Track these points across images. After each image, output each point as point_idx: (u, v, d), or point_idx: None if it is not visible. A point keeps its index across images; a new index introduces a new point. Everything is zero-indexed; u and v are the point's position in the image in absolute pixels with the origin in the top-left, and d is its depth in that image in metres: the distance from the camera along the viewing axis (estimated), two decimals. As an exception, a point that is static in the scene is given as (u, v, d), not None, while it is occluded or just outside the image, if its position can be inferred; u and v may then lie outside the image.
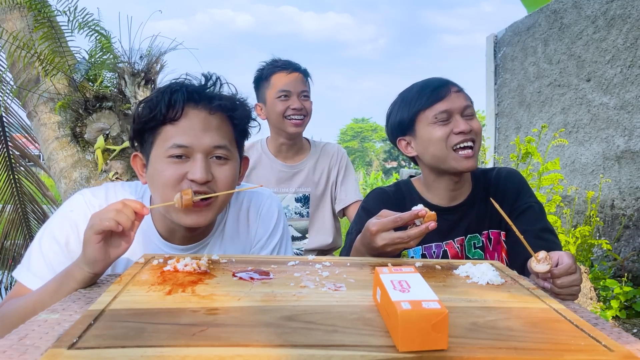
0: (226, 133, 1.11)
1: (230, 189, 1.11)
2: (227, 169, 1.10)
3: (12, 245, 3.49)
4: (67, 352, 0.55)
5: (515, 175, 1.48)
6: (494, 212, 1.42)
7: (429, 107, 1.36)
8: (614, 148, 3.67)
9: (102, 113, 2.83)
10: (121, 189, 1.22)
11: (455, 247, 1.44)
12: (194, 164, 1.05)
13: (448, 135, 1.35)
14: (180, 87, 1.07)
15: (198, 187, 1.05)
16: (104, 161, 2.82)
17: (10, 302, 1.04)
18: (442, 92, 1.36)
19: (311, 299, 0.78)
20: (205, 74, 1.13)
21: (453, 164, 1.35)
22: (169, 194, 1.05)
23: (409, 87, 1.47)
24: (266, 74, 2.05)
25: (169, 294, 0.77)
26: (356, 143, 46.97)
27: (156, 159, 1.07)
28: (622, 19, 3.59)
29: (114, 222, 0.89)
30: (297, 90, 2.03)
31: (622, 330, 0.76)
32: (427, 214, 1.08)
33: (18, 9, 2.84)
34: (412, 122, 1.40)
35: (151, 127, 1.08)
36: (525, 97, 4.69)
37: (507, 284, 0.92)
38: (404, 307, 0.60)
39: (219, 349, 0.58)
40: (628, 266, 3.46)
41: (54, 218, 1.15)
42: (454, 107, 1.35)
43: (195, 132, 1.05)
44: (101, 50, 2.88)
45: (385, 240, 1.09)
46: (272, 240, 1.30)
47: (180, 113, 1.05)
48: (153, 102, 1.06)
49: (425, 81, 1.44)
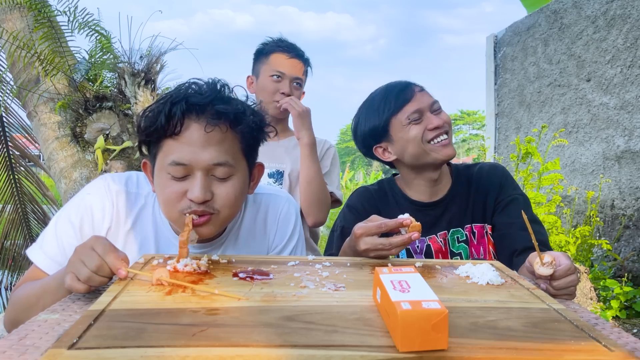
0: (230, 147, 1.04)
1: (232, 206, 1.06)
2: (228, 186, 1.04)
3: (12, 245, 3.50)
4: (67, 352, 0.55)
5: (497, 169, 1.50)
6: (477, 206, 1.47)
7: (400, 110, 1.40)
8: (614, 148, 3.67)
9: (102, 113, 2.83)
10: (143, 180, 1.20)
11: (439, 242, 1.45)
12: (193, 182, 1.01)
13: (423, 132, 1.39)
14: (180, 99, 1.01)
15: (197, 206, 1.01)
16: (104, 161, 2.82)
17: (24, 287, 1.07)
18: (408, 94, 1.41)
19: (311, 299, 0.78)
20: (209, 83, 1.07)
21: (434, 155, 1.40)
22: (170, 210, 1.04)
23: (369, 97, 1.51)
24: (267, 50, 2.02)
25: (169, 294, 0.77)
26: (356, 143, 46.90)
27: (158, 172, 1.05)
28: (622, 19, 3.59)
29: (86, 287, 0.84)
30: (292, 75, 1.99)
31: (622, 330, 0.76)
32: (412, 224, 1.08)
33: (18, 9, 2.84)
34: (385, 128, 1.43)
35: (154, 139, 1.05)
36: (525, 97, 4.69)
37: (507, 284, 0.92)
38: (403, 307, 0.60)
39: (219, 349, 0.58)
40: (628, 266, 3.46)
41: (73, 199, 1.16)
42: (423, 105, 1.40)
43: (195, 148, 1.00)
44: (101, 50, 2.88)
45: (367, 244, 1.09)
46: (289, 245, 1.29)
47: (180, 127, 1.00)
48: (154, 113, 1.02)
49: (386, 87, 1.48)
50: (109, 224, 1.13)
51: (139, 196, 1.17)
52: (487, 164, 1.54)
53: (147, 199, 1.18)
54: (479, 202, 1.45)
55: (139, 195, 1.17)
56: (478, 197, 1.46)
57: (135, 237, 1.15)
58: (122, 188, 1.15)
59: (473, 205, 1.46)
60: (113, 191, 1.14)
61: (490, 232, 1.46)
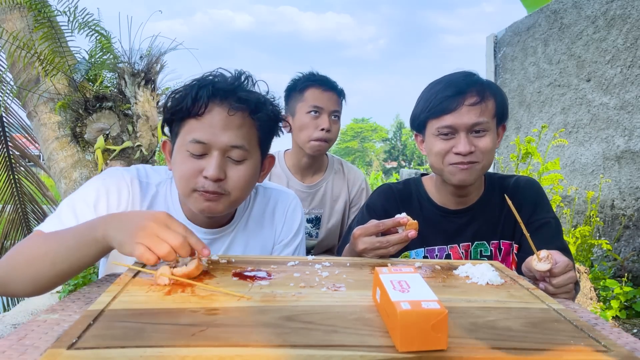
0: (247, 133, 1.10)
1: (243, 189, 1.12)
2: (241, 169, 1.11)
3: (12, 245, 3.49)
4: (67, 352, 0.55)
5: (534, 186, 1.41)
6: (508, 221, 1.36)
7: (436, 118, 1.30)
8: (614, 148, 3.67)
9: (102, 113, 2.83)
10: (151, 171, 1.26)
11: (460, 253, 1.39)
12: (210, 160, 1.07)
13: (447, 153, 1.29)
14: (207, 83, 1.09)
15: (210, 185, 1.07)
16: (104, 161, 2.82)
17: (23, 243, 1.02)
18: (453, 104, 1.26)
19: (311, 299, 0.78)
20: (236, 72, 1.15)
21: (447, 175, 1.32)
22: (184, 186, 1.10)
23: (438, 80, 1.37)
24: (301, 86, 1.96)
25: (168, 294, 0.77)
26: (356, 143, 46.96)
27: (178, 149, 1.11)
28: (622, 19, 3.59)
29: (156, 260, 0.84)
30: (330, 108, 1.94)
31: (622, 330, 0.76)
32: (408, 222, 1.09)
33: (18, 9, 2.84)
34: (423, 124, 1.36)
35: (178, 118, 1.11)
36: (525, 97, 4.69)
37: (506, 284, 0.92)
38: (403, 307, 0.60)
39: (218, 349, 0.58)
40: (628, 266, 3.46)
41: (85, 184, 1.19)
42: (459, 122, 1.26)
43: (215, 129, 1.07)
44: (101, 50, 2.89)
45: (365, 244, 1.10)
46: (294, 240, 1.33)
47: (204, 109, 1.07)
48: (181, 95, 1.10)
49: (448, 81, 1.33)
50: (124, 208, 1.17)
51: (150, 185, 1.22)
52: (524, 178, 1.45)
53: (158, 187, 1.23)
54: (511, 218, 1.33)
55: (149, 185, 1.22)
56: (511, 212, 1.38)
57: None
58: (135, 176, 1.21)
59: (504, 220, 1.36)
60: (128, 178, 1.19)
61: (516, 252, 1.39)
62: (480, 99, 1.27)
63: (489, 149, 1.29)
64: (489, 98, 1.29)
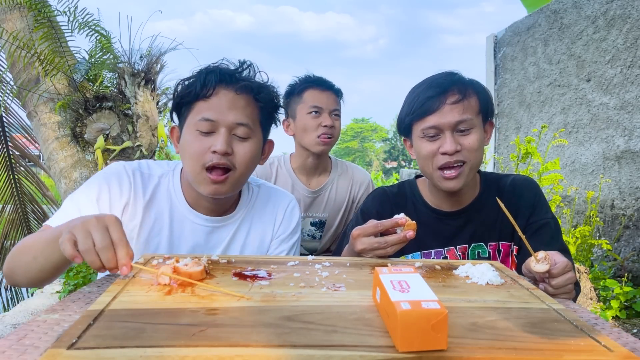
0: (250, 113, 1.20)
1: (248, 165, 1.20)
2: (247, 145, 1.19)
3: (12, 245, 3.49)
4: (67, 352, 0.55)
5: (532, 186, 1.39)
6: (506, 222, 1.30)
7: (420, 119, 1.29)
8: (614, 148, 3.67)
9: (102, 113, 2.83)
10: (154, 165, 1.32)
11: (457, 255, 1.38)
12: (217, 137, 1.15)
13: (435, 154, 1.28)
14: (215, 69, 1.19)
15: (219, 159, 1.14)
16: (104, 161, 2.82)
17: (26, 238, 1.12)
18: (435, 104, 1.26)
19: (311, 299, 0.78)
20: (241, 60, 1.25)
21: (437, 182, 1.31)
22: (193, 164, 1.17)
23: (420, 82, 1.36)
24: (299, 89, 2.01)
25: (168, 294, 0.77)
26: (356, 143, 46.95)
27: (187, 130, 1.19)
28: (622, 19, 3.58)
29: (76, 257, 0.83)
30: (330, 107, 1.98)
31: (622, 330, 0.76)
32: (406, 222, 1.10)
33: (18, 9, 2.84)
34: (409, 128, 1.35)
35: (187, 101, 1.19)
36: (525, 97, 4.69)
37: (506, 284, 0.92)
38: (403, 307, 0.60)
39: (218, 349, 0.58)
40: (628, 266, 3.46)
41: (89, 180, 1.26)
42: (443, 122, 1.25)
43: (222, 109, 1.16)
44: (101, 50, 2.89)
45: (364, 244, 1.10)
46: (291, 238, 1.39)
47: (212, 91, 1.17)
48: (190, 81, 1.19)
49: (429, 83, 1.32)
50: (126, 199, 1.22)
51: (152, 176, 1.28)
52: (520, 177, 1.42)
53: (160, 179, 1.28)
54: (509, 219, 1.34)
55: (152, 176, 1.28)
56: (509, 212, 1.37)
57: (151, 211, 1.25)
58: (137, 168, 1.27)
59: (502, 221, 1.32)
60: (129, 171, 1.25)
61: (516, 253, 1.37)
62: (462, 96, 1.26)
63: (476, 147, 1.28)
64: (471, 95, 1.28)
